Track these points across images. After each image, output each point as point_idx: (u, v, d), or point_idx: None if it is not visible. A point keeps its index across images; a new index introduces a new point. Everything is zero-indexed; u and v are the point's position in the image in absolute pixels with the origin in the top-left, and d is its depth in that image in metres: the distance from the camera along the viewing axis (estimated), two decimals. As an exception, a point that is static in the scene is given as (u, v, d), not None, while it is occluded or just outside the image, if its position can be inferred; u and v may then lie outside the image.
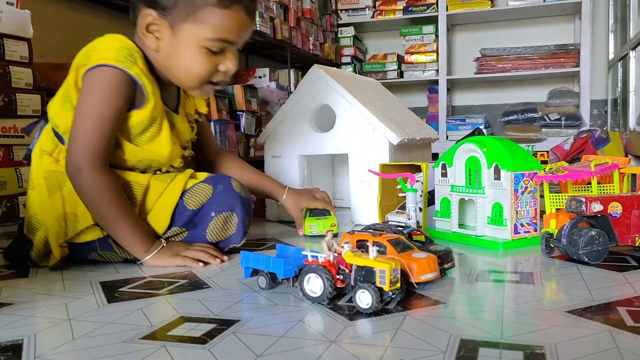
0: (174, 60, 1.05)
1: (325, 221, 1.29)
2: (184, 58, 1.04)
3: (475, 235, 1.18)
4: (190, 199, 1.08)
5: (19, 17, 1.55)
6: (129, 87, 1.01)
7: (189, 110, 1.22)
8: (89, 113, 1.00)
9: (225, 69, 1.06)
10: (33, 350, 0.63)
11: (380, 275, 0.73)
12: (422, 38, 4.01)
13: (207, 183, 1.10)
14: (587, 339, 0.62)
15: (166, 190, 1.07)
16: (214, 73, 1.07)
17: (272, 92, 3.00)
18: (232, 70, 1.07)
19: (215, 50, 1.03)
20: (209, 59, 1.04)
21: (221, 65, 1.06)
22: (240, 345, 0.63)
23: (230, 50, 1.06)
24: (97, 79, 1.00)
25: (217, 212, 1.08)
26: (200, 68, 1.04)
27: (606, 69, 3.77)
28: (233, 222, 1.09)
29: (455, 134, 3.86)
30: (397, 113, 1.72)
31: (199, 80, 1.07)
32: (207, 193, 1.08)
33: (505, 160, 1.13)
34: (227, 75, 1.08)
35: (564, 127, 3.62)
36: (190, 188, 1.09)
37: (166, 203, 1.06)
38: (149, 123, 1.06)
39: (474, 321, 0.69)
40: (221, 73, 1.07)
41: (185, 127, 1.19)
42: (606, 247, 0.96)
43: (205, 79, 1.07)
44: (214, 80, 1.08)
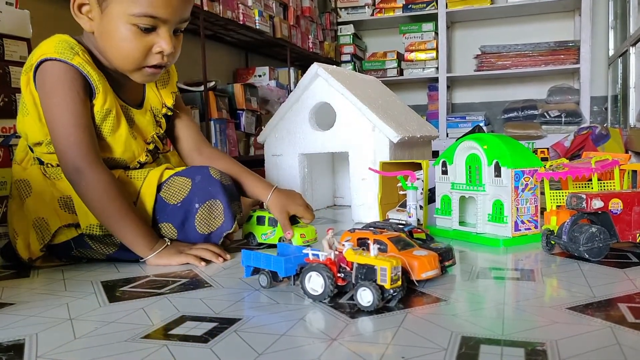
0: (107, 40, 1.01)
1: (309, 230, 1.16)
2: (114, 37, 1.00)
3: (476, 232, 1.18)
4: (168, 192, 1.07)
5: (19, 17, 1.54)
6: (80, 78, 1.01)
7: (156, 105, 1.18)
8: (60, 114, 0.99)
9: (160, 49, 1.01)
10: (35, 350, 0.63)
11: (381, 273, 0.73)
12: (421, 36, 4.01)
13: (184, 176, 1.09)
14: (588, 335, 0.62)
15: (142, 187, 1.06)
16: (148, 54, 1.02)
17: (272, 90, 3.00)
18: (168, 51, 1.01)
19: (144, 27, 0.98)
20: (140, 38, 0.99)
21: (155, 46, 1.01)
22: (241, 343, 0.63)
23: (164, 29, 1.01)
24: (48, 77, 1.00)
25: (200, 202, 1.06)
26: (131, 47, 1.00)
27: (606, 66, 3.77)
28: (218, 209, 1.08)
29: (455, 131, 3.86)
30: (397, 111, 1.71)
31: (133, 62, 1.02)
32: (187, 186, 1.07)
33: (506, 157, 1.13)
34: (165, 58, 1.03)
35: (564, 124, 3.62)
36: (166, 181, 1.08)
37: (145, 201, 1.06)
38: (105, 114, 1.04)
39: (475, 318, 0.69)
40: (157, 55, 1.02)
41: (147, 122, 1.16)
42: (607, 243, 0.96)
43: (140, 60, 1.02)
44: (150, 63, 1.03)
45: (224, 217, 1.08)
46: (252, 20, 2.76)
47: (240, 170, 1.23)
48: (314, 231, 1.15)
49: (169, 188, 1.07)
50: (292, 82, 3.28)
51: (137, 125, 1.13)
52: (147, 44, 1.01)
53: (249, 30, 2.78)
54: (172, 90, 1.21)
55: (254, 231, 1.19)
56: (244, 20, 2.68)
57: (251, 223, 1.20)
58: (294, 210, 1.17)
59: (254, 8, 2.79)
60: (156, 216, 1.07)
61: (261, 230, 1.18)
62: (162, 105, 1.19)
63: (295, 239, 1.12)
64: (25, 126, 1.06)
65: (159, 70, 1.06)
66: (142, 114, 1.15)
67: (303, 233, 1.12)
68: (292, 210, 1.17)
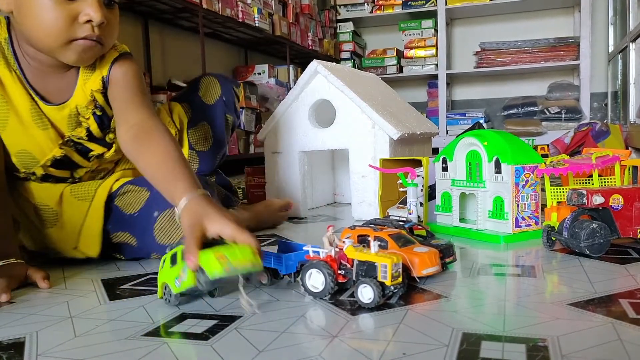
0: (25, 15, 0.89)
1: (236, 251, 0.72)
2: (32, 9, 0.88)
3: (477, 229, 1.17)
4: (124, 201, 1.02)
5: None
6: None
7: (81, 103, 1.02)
8: None
9: (87, 17, 0.88)
10: (35, 347, 0.63)
11: (382, 270, 0.73)
12: (421, 33, 4.01)
13: (140, 185, 1.03)
14: (590, 331, 0.62)
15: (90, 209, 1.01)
16: (74, 25, 0.89)
17: (272, 88, 3.00)
18: (97, 20, 0.88)
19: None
20: (63, 5, 0.87)
21: (81, 14, 0.88)
22: (242, 341, 0.63)
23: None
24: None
25: (160, 211, 0.99)
26: (52, 17, 0.87)
27: (606, 62, 3.77)
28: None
29: (455, 128, 3.86)
30: (397, 108, 1.71)
31: (57, 36, 0.89)
32: (143, 195, 1.02)
33: (506, 153, 1.13)
34: (95, 29, 0.90)
35: (564, 120, 3.62)
36: (119, 189, 1.03)
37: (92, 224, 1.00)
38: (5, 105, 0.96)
39: (476, 315, 0.69)
40: (86, 26, 0.89)
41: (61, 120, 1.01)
42: (608, 239, 0.96)
43: (65, 32, 0.89)
44: (79, 36, 0.90)
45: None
46: (251, 18, 2.76)
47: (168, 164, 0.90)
48: (246, 252, 0.72)
49: (125, 197, 1.02)
50: (292, 79, 3.28)
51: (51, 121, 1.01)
52: (71, 13, 0.87)
53: (248, 28, 2.78)
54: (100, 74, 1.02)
55: (167, 280, 0.76)
56: (243, 17, 2.68)
57: (163, 269, 0.78)
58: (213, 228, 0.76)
59: (253, 5, 2.79)
60: (108, 226, 1.02)
61: (173, 273, 0.75)
62: (90, 102, 1.03)
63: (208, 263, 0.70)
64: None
65: (92, 44, 0.91)
66: (58, 111, 1.01)
67: (223, 255, 0.70)
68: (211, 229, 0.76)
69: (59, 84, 1.01)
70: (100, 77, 1.02)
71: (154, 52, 2.55)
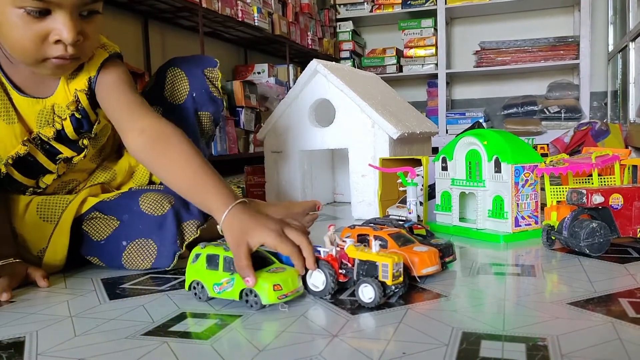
0: (1, 33, 0.85)
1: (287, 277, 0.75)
2: (5, 27, 0.82)
3: (476, 228, 1.17)
4: (92, 227, 0.99)
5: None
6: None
7: (60, 103, 0.97)
8: None
9: (57, 37, 0.82)
10: (35, 347, 0.63)
11: (383, 270, 0.73)
12: (421, 32, 4.01)
13: (107, 214, 0.99)
14: (589, 330, 0.62)
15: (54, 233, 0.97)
16: (45, 44, 0.84)
17: (271, 87, 3.00)
18: (69, 40, 0.82)
19: (34, 10, 0.80)
20: (32, 25, 0.81)
21: (52, 34, 0.82)
22: (242, 340, 0.63)
23: (61, 12, 0.81)
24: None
25: (129, 240, 0.96)
26: (20, 37, 0.82)
27: (606, 61, 3.77)
28: (151, 249, 0.96)
29: (455, 127, 3.86)
30: (397, 107, 1.71)
31: (27, 55, 0.85)
32: (112, 225, 0.98)
33: (506, 153, 1.13)
34: (68, 48, 0.84)
35: (564, 119, 3.62)
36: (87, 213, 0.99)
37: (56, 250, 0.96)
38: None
39: (476, 314, 0.69)
40: (57, 46, 0.84)
41: (31, 114, 0.96)
42: (607, 239, 0.96)
43: (36, 52, 0.84)
44: (52, 55, 0.85)
45: (157, 256, 0.96)
46: (251, 17, 2.76)
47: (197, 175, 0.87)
48: (295, 278, 0.75)
49: (92, 222, 0.99)
50: (292, 78, 3.28)
51: (19, 113, 0.95)
52: (40, 32, 0.82)
53: (247, 27, 2.78)
54: (87, 75, 0.97)
55: (202, 279, 0.78)
56: (243, 17, 2.68)
57: (197, 266, 0.79)
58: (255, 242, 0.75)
59: (253, 5, 2.78)
60: (81, 250, 0.99)
61: (213, 277, 0.77)
62: (71, 102, 0.97)
63: (264, 291, 0.72)
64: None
65: (67, 62, 0.87)
66: (32, 105, 0.95)
67: (278, 284, 0.73)
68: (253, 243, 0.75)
69: (44, 82, 0.96)
70: (87, 77, 0.97)
71: (153, 51, 2.55)
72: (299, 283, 0.77)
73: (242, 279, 0.73)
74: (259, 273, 0.74)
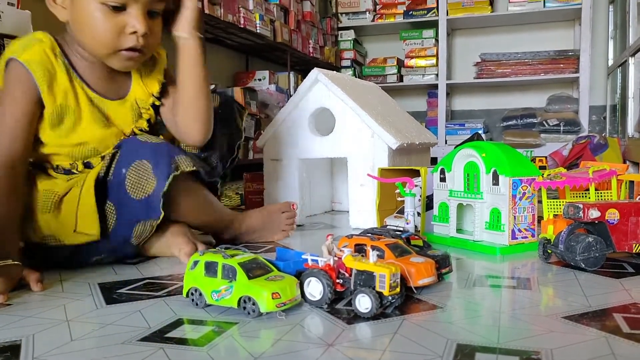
0: (78, 24, 0.99)
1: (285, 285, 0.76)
2: (84, 20, 0.98)
3: (473, 240, 1.18)
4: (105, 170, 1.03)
5: (20, 18, 1.55)
6: (25, 75, 0.99)
7: (140, 96, 1.14)
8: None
9: (133, 29, 0.98)
10: (31, 351, 0.63)
11: (380, 280, 0.73)
12: (422, 42, 4.02)
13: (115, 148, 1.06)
14: (583, 345, 0.62)
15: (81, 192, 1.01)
16: (121, 36, 0.99)
17: (272, 94, 3.00)
18: (141, 31, 0.98)
19: (113, 5, 0.96)
20: (111, 18, 0.97)
21: (128, 26, 0.98)
22: (238, 347, 0.63)
23: (135, 7, 0.97)
24: (4, 77, 1.01)
25: (127, 166, 1.01)
26: (101, 28, 0.97)
27: (605, 75, 3.78)
28: (147, 170, 1.00)
29: (454, 138, 3.87)
30: (397, 117, 1.72)
31: (105, 45, 0.99)
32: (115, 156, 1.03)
33: (504, 165, 1.14)
34: (140, 39, 0.99)
35: (562, 132, 3.63)
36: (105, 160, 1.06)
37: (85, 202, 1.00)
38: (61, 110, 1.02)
39: (471, 326, 0.69)
40: (131, 36, 0.99)
41: (124, 114, 1.12)
42: (603, 253, 0.97)
43: (113, 42, 0.99)
44: (125, 46, 1.00)
45: (156, 177, 1.00)
46: (252, 24, 2.77)
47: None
48: (293, 286, 0.77)
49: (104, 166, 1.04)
50: (292, 86, 3.29)
51: (112, 118, 1.10)
52: (119, 25, 0.97)
53: (249, 34, 2.79)
54: (157, 78, 1.17)
55: (200, 286, 0.78)
56: (245, 24, 2.69)
57: (195, 272, 0.79)
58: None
59: (255, 12, 2.80)
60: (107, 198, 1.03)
61: (211, 285, 0.77)
62: (149, 95, 1.15)
63: (262, 299, 0.73)
64: None
65: (136, 54, 1.02)
66: (120, 105, 1.11)
67: (276, 292, 0.73)
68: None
69: (115, 80, 1.11)
70: (157, 81, 1.16)
71: (155, 56, 2.56)
72: (297, 291, 0.77)
73: (240, 287, 0.74)
74: (257, 281, 0.75)
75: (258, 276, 0.76)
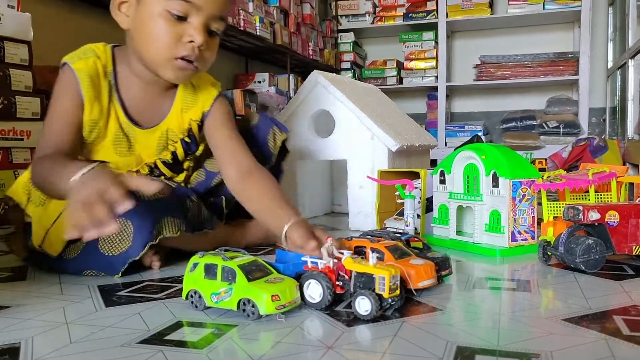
0: (139, 31, 1.00)
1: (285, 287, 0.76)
2: (146, 25, 0.99)
3: (473, 242, 1.18)
4: None
5: (20, 20, 1.55)
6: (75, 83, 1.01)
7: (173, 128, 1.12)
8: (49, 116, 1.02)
9: (190, 38, 0.98)
10: (30, 353, 0.63)
11: (379, 282, 0.73)
12: (421, 44, 4.02)
13: None
14: (583, 347, 0.62)
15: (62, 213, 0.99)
16: (178, 44, 0.99)
17: (272, 97, 3.00)
18: (199, 41, 0.98)
19: (178, 13, 0.97)
20: (172, 26, 0.97)
21: (186, 35, 0.98)
22: (237, 350, 0.63)
23: (197, 18, 0.98)
24: (57, 79, 1.03)
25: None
26: (161, 34, 0.98)
27: (605, 77, 3.79)
28: (127, 231, 0.96)
29: (454, 140, 3.86)
30: (396, 119, 1.72)
31: (162, 50, 0.99)
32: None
33: (504, 167, 1.14)
34: (195, 50, 0.99)
35: (562, 134, 3.63)
36: None
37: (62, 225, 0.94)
38: (92, 124, 1.03)
39: (471, 328, 0.69)
40: (188, 45, 0.99)
41: (151, 143, 1.10)
42: (603, 255, 0.97)
43: (170, 49, 0.99)
44: (181, 54, 0.99)
45: (132, 242, 0.96)
46: (252, 27, 2.77)
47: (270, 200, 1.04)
48: (293, 288, 0.77)
49: None
50: (292, 88, 3.29)
51: (136, 146, 1.09)
52: (178, 32, 0.98)
53: (249, 37, 2.79)
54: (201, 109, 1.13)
55: (199, 288, 0.78)
56: (245, 26, 2.69)
57: (194, 275, 0.79)
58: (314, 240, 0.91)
59: (255, 14, 2.80)
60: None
61: (211, 287, 0.77)
62: (182, 129, 1.13)
63: (262, 301, 0.73)
64: None
65: (190, 66, 1.01)
66: (149, 134, 1.10)
67: (276, 294, 0.73)
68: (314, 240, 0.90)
69: (155, 105, 1.10)
70: (202, 110, 1.13)
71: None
72: (297, 294, 0.77)
73: (240, 290, 0.74)
74: (257, 283, 0.75)
75: (257, 278, 0.76)
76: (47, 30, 1.86)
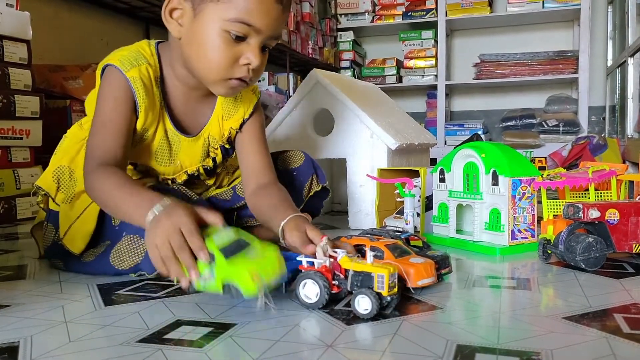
0: (194, 47, 0.96)
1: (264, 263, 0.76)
2: (203, 43, 0.94)
3: (473, 240, 1.18)
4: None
5: (19, 19, 1.55)
6: (129, 91, 0.98)
7: (214, 135, 1.11)
8: (95, 118, 0.99)
9: (247, 61, 0.94)
10: (29, 352, 0.63)
11: (379, 280, 0.73)
12: (421, 43, 4.02)
13: None
14: (584, 345, 0.62)
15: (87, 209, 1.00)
16: (234, 66, 0.95)
17: (271, 95, 3.00)
18: (255, 65, 0.95)
19: (237, 34, 0.92)
20: (230, 47, 0.93)
21: (243, 57, 0.94)
22: (236, 349, 0.63)
23: (255, 40, 0.93)
24: (105, 81, 1.00)
25: (129, 232, 0.96)
26: (218, 55, 0.93)
27: (604, 76, 3.79)
28: (141, 247, 0.95)
29: (454, 139, 3.87)
30: (396, 118, 1.72)
31: (217, 71, 0.95)
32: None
33: (503, 166, 1.14)
34: (250, 72, 0.96)
35: (562, 133, 3.63)
36: None
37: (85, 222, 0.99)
38: (142, 132, 1.02)
39: (471, 327, 0.69)
40: (243, 68, 0.95)
41: (195, 151, 1.10)
42: (603, 253, 0.96)
43: (226, 70, 0.95)
44: (236, 76, 0.96)
45: (143, 257, 0.94)
46: (252, 25, 2.77)
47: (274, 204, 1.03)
48: (275, 264, 0.77)
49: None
50: (291, 87, 3.29)
51: (180, 155, 1.09)
52: (236, 54, 0.94)
53: (249, 35, 2.78)
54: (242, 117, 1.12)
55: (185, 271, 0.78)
56: (244, 25, 2.69)
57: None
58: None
59: (255, 13, 2.79)
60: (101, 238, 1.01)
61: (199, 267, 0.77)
62: (222, 136, 1.12)
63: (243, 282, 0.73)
64: (88, 107, 1.07)
65: (243, 84, 0.99)
66: (193, 142, 1.09)
67: (257, 273, 0.73)
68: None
69: (197, 111, 1.09)
70: (242, 117, 1.12)
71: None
72: (281, 267, 0.76)
73: (221, 269, 0.74)
74: (236, 260, 0.75)
75: (235, 252, 0.76)
76: (45, 29, 1.86)
